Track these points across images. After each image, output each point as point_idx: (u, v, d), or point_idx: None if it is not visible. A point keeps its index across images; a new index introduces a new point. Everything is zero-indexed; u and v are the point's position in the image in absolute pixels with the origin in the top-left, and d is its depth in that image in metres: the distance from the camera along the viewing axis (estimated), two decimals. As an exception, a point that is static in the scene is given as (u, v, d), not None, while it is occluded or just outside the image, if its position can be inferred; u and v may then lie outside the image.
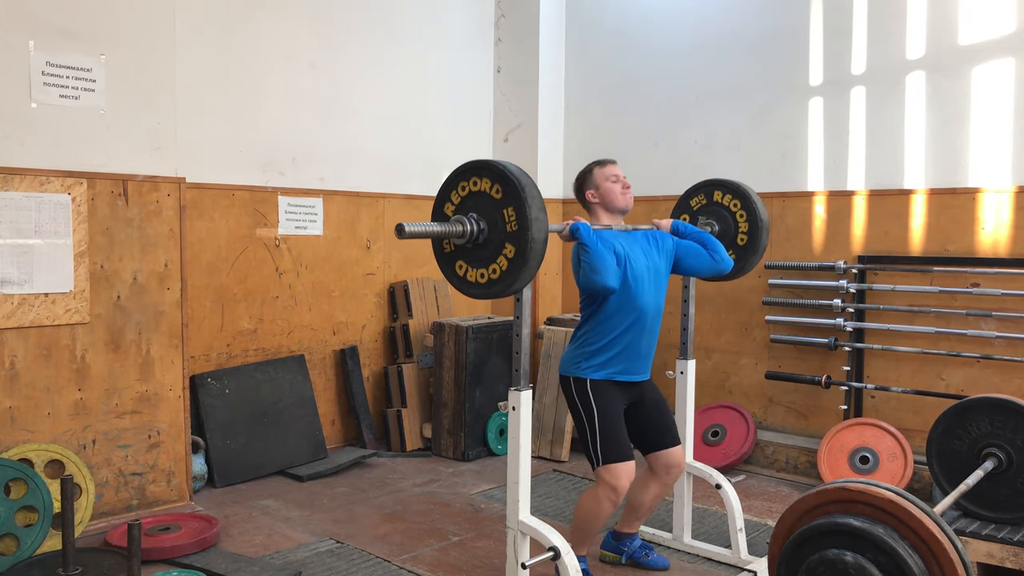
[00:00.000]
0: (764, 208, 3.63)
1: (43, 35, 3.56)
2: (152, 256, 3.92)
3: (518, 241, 2.58)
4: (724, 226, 3.65)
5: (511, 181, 2.59)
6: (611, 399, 3.16)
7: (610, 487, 3.08)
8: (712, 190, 3.69)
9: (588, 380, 3.16)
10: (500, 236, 2.63)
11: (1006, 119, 4.24)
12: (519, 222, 2.58)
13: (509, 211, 2.60)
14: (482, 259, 2.69)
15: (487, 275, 2.67)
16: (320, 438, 4.90)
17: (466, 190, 2.71)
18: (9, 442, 3.51)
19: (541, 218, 2.58)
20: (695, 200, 3.75)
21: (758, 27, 5.10)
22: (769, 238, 5.01)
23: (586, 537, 3.24)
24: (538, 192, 2.63)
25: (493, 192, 2.64)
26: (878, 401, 4.66)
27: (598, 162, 3.38)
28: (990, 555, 3.04)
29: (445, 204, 2.77)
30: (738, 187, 3.64)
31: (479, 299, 2.87)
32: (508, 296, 2.74)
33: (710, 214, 3.69)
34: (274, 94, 4.82)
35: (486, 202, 2.66)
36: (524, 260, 2.58)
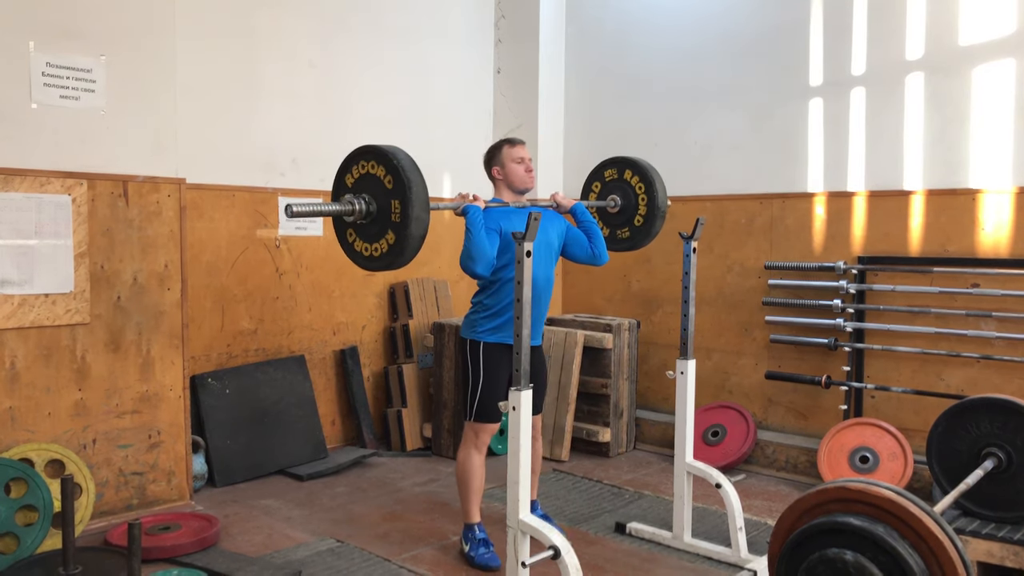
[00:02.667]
0: (665, 197, 3.85)
1: (43, 35, 3.56)
2: (152, 257, 3.92)
3: (399, 232, 2.73)
4: (626, 203, 3.92)
5: (401, 178, 2.71)
6: (498, 365, 3.43)
7: (475, 440, 3.48)
8: (625, 168, 3.92)
9: (482, 343, 3.44)
10: (385, 222, 2.76)
11: (1006, 119, 4.25)
12: (401, 217, 2.71)
13: (396, 203, 2.73)
14: (370, 235, 2.84)
15: (370, 251, 2.83)
16: (320, 438, 4.90)
17: (365, 170, 2.82)
18: (9, 442, 3.52)
19: (422, 218, 2.72)
20: (608, 172, 3.98)
21: (758, 27, 5.10)
22: (770, 238, 5.03)
23: (472, 496, 3.49)
24: (424, 192, 2.73)
25: (386, 181, 2.75)
26: (878, 401, 4.66)
27: (508, 140, 3.59)
28: (990, 554, 3.04)
29: (346, 176, 2.90)
30: (647, 172, 3.85)
31: (364, 269, 2.98)
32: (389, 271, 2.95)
33: (617, 189, 3.93)
34: (274, 94, 4.82)
35: (379, 187, 2.78)
36: (401, 250, 2.74)
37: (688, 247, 3.67)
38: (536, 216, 2.75)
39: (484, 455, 3.53)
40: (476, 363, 3.46)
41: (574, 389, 5.07)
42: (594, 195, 4.02)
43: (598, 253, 3.68)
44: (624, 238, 3.97)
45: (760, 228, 5.11)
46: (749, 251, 5.15)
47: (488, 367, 3.44)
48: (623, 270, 5.78)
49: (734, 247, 5.21)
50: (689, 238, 3.67)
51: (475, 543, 3.46)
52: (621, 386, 5.21)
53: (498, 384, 3.46)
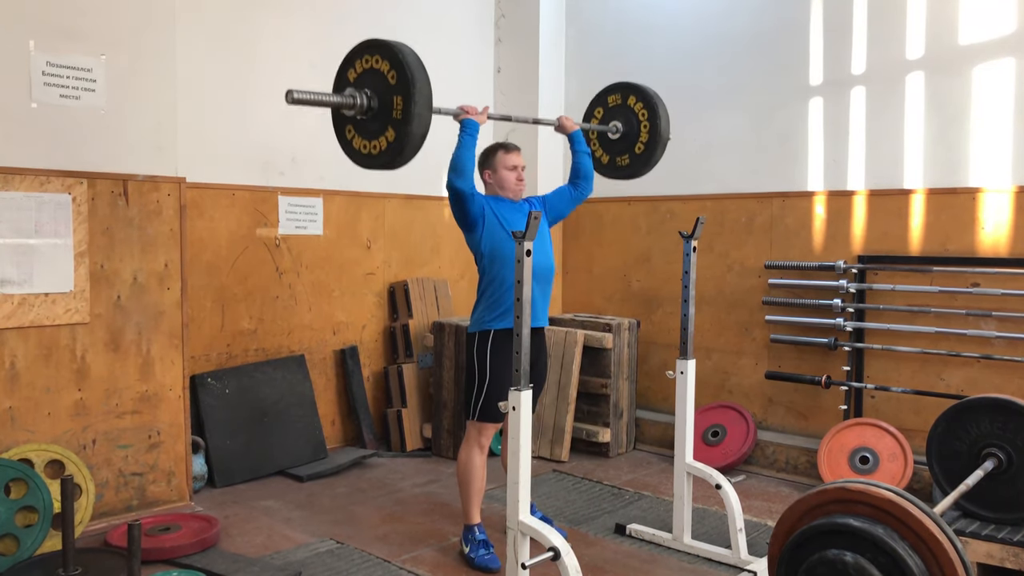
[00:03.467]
0: (668, 126, 3.82)
1: (43, 35, 3.56)
2: (152, 256, 3.92)
3: (399, 129, 2.69)
4: (628, 130, 3.90)
5: (405, 73, 2.66)
6: (505, 363, 3.38)
7: (477, 439, 3.49)
8: (629, 93, 3.90)
9: (491, 333, 3.42)
10: (386, 118, 2.72)
11: (1006, 119, 4.24)
12: (403, 113, 2.67)
13: (398, 99, 2.68)
14: (369, 132, 2.79)
15: (368, 148, 2.79)
16: (320, 438, 4.90)
17: (368, 64, 2.77)
18: (9, 442, 3.51)
19: (424, 115, 2.68)
20: (612, 98, 3.96)
21: (758, 27, 5.10)
22: (770, 237, 5.03)
23: (473, 496, 3.49)
24: (428, 89, 2.69)
25: (389, 76, 2.70)
26: (878, 401, 4.66)
27: (503, 145, 3.59)
28: (990, 555, 3.04)
29: (348, 70, 2.85)
30: (651, 99, 3.83)
31: (359, 166, 2.94)
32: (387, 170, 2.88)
33: (620, 115, 3.92)
34: (274, 94, 4.80)
35: (381, 83, 2.72)
36: (400, 148, 2.70)
37: (688, 246, 3.67)
38: (536, 215, 2.74)
39: (486, 455, 3.53)
40: (483, 358, 3.43)
41: (574, 389, 5.07)
42: (596, 120, 3.99)
43: (582, 186, 3.71)
44: (623, 165, 3.95)
45: (760, 227, 5.10)
46: (749, 250, 5.15)
47: (495, 363, 3.41)
48: (623, 270, 5.78)
49: (734, 246, 5.21)
50: (689, 237, 3.67)
51: (475, 544, 3.46)
52: (621, 386, 5.21)
53: (503, 383, 3.44)
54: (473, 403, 3.47)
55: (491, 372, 3.43)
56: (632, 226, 5.72)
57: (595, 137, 3.98)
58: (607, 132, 3.92)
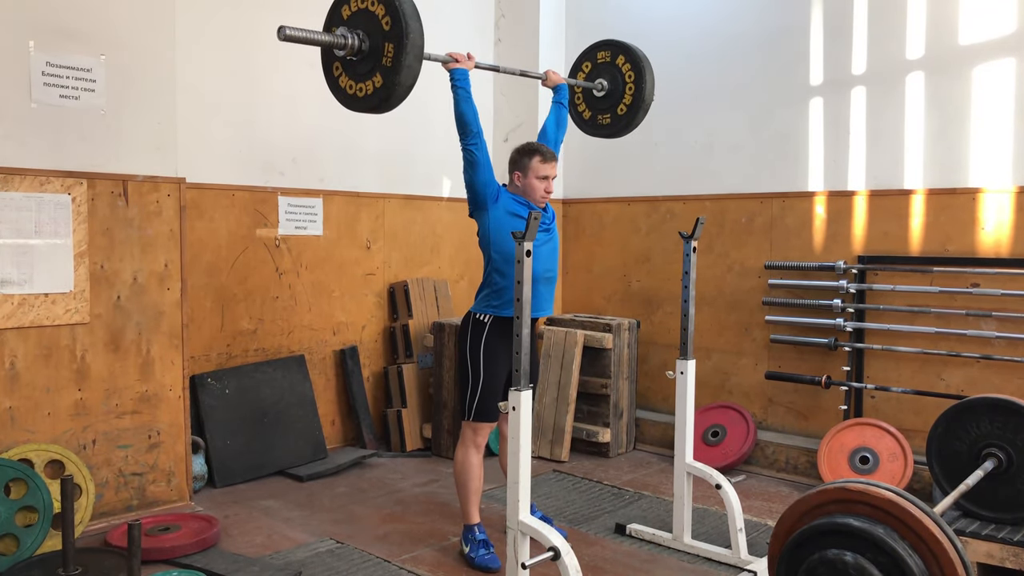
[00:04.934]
0: (652, 91, 3.84)
1: (43, 35, 3.56)
2: (152, 256, 3.92)
3: (387, 77, 2.66)
4: (613, 88, 3.92)
5: (400, 21, 2.63)
6: (497, 361, 3.41)
7: (473, 439, 3.50)
8: (619, 52, 3.92)
9: (487, 325, 3.42)
10: (375, 63, 2.69)
11: (1006, 119, 4.24)
12: (393, 61, 2.64)
13: (389, 47, 2.65)
14: (357, 73, 2.77)
15: (354, 89, 2.77)
16: (320, 438, 4.90)
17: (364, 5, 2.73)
18: (9, 442, 3.51)
19: (414, 67, 2.65)
20: (601, 54, 3.98)
21: (758, 27, 5.10)
22: (770, 237, 5.03)
23: (471, 496, 3.49)
24: (421, 40, 2.66)
25: (383, 21, 2.67)
26: (878, 401, 4.66)
27: (541, 153, 3.51)
28: (990, 555, 3.04)
29: (343, 7, 2.82)
30: (639, 61, 3.85)
31: (343, 106, 2.91)
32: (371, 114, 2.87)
33: (607, 73, 3.93)
34: (274, 94, 4.82)
35: (375, 26, 2.69)
36: (387, 95, 2.67)
37: (688, 247, 3.67)
38: (536, 215, 2.74)
39: (482, 455, 3.54)
40: (476, 354, 3.44)
41: (574, 389, 5.07)
42: (583, 75, 4.00)
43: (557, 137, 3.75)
44: (604, 124, 3.97)
45: (760, 228, 5.10)
46: (749, 251, 5.15)
47: (487, 361, 3.42)
48: (623, 270, 5.78)
49: (734, 247, 5.21)
50: (689, 237, 3.67)
51: (475, 544, 3.46)
52: (621, 386, 5.21)
53: (497, 382, 3.46)
54: (467, 403, 3.48)
55: (484, 371, 3.44)
56: (632, 226, 5.72)
57: (580, 92, 3.99)
58: (592, 89, 3.92)
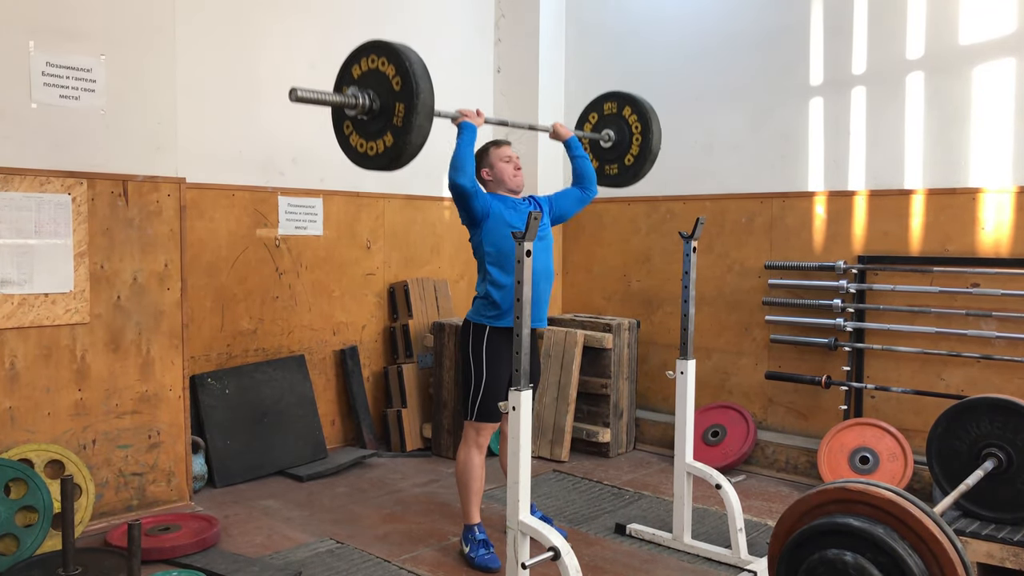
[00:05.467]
0: (659, 141, 3.85)
1: (43, 35, 3.56)
2: (152, 256, 3.92)
3: (397, 136, 2.69)
4: (620, 139, 3.94)
5: (410, 82, 2.66)
6: (500, 361, 3.43)
7: (475, 439, 3.50)
8: (625, 103, 3.93)
9: (487, 329, 3.43)
10: (386, 123, 2.72)
11: (1006, 119, 4.24)
12: (404, 121, 2.67)
13: (400, 106, 2.68)
14: (368, 133, 2.79)
15: (365, 148, 2.80)
16: (320, 438, 4.90)
17: (374, 65, 2.76)
18: (9, 442, 3.51)
19: (424, 126, 2.68)
20: (608, 105, 3.99)
21: (758, 27, 5.10)
22: (770, 237, 5.03)
23: (472, 496, 3.50)
24: (431, 100, 2.69)
25: (394, 81, 2.70)
26: (878, 401, 4.66)
27: (494, 142, 3.62)
28: (990, 555, 3.04)
29: (353, 67, 2.84)
30: (645, 112, 3.86)
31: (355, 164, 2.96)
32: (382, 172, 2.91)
33: (613, 124, 3.95)
34: (274, 94, 4.81)
35: (385, 86, 2.72)
36: (397, 154, 2.71)
37: (688, 247, 3.67)
38: (536, 215, 2.74)
39: (484, 455, 3.54)
40: (479, 355, 3.44)
41: (574, 389, 5.07)
42: (589, 126, 4.03)
43: (587, 189, 3.73)
44: (612, 174, 3.99)
45: (760, 227, 5.10)
46: (749, 251, 5.15)
47: (490, 361, 3.42)
48: (623, 270, 5.78)
49: (734, 247, 5.21)
50: (689, 237, 3.67)
51: (475, 544, 3.46)
52: (621, 386, 5.21)
53: (500, 383, 3.46)
54: (470, 403, 3.47)
55: (487, 371, 3.43)
56: (632, 226, 5.72)
57: (587, 143, 4.01)
58: (599, 140, 3.94)
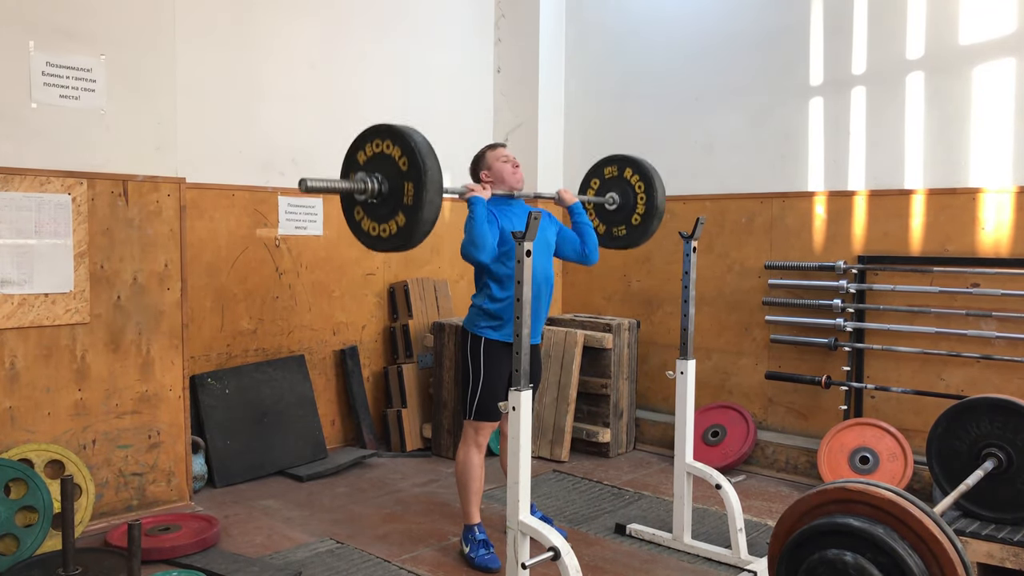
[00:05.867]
0: (663, 198, 3.85)
1: (43, 35, 3.56)
2: (152, 256, 3.92)
3: (409, 215, 2.71)
4: (624, 201, 3.92)
5: (416, 160, 2.68)
6: (498, 363, 3.44)
7: (474, 438, 3.50)
8: (625, 166, 3.93)
9: (483, 339, 3.44)
10: (397, 203, 2.74)
11: (1006, 119, 4.24)
12: (414, 200, 2.68)
13: (409, 186, 2.70)
14: (379, 215, 2.81)
15: (378, 231, 2.82)
16: (320, 438, 4.90)
17: (379, 148, 2.79)
18: (9, 442, 3.51)
19: (435, 202, 2.69)
20: (608, 170, 3.99)
21: (758, 27, 5.10)
22: (770, 237, 5.03)
23: (472, 496, 3.50)
24: (439, 176, 2.70)
25: (400, 162, 2.73)
26: (878, 401, 4.66)
27: (490, 146, 3.66)
28: (990, 555, 3.04)
29: (358, 152, 2.87)
30: (647, 172, 3.86)
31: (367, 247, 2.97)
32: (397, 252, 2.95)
33: (616, 187, 3.94)
34: (274, 94, 4.82)
35: (392, 168, 2.75)
36: (411, 233, 2.72)
37: (688, 247, 3.67)
38: (536, 215, 2.75)
39: (484, 454, 3.54)
40: (476, 359, 3.45)
41: (574, 389, 5.07)
42: (592, 191, 4.04)
43: (589, 253, 3.72)
44: (620, 236, 3.98)
45: (760, 227, 5.10)
46: (749, 251, 5.15)
47: (488, 364, 3.43)
48: (623, 270, 5.78)
49: (734, 247, 5.21)
50: (689, 237, 3.67)
51: (475, 544, 3.46)
52: (621, 386, 5.21)
53: (498, 382, 3.46)
54: (468, 402, 3.48)
55: (485, 371, 3.44)
56: (632, 226, 5.72)
57: (592, 208, 4.01)
58: (604, 203, 3.95)
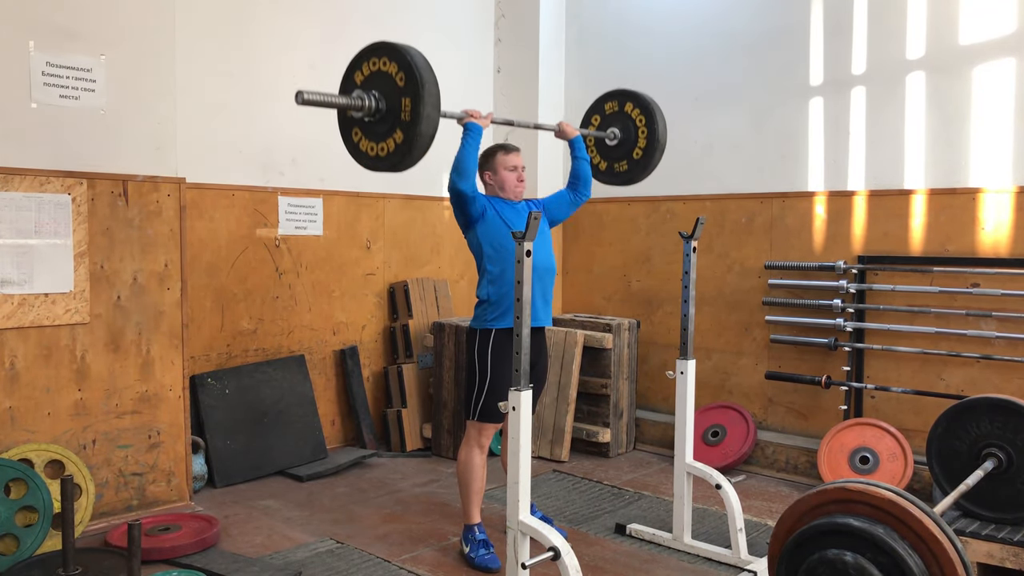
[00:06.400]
0: (665, 131, 3.84)
1: (43, 35, 3.56)
2: (152, 256, 3.92)
3: (407, 131, 2.71)
4: (626, 136, 3.92)
5: (414, 74, 2.69)
6: (507, 361, 3.38)
7: (477, 439, 3.50)
8: (626, 100, 3.92)
9: (493, 332, 3.43)
10: (394, 120, 2.75)
11: (1006, 119, 4.24)
12: (412, 114, 2.69)
13: (407, 101, 2.71)
14: (377, 134, 2.82)
15: (376, 150, 2.83)
16: (320, 438, 4.90)
17: (376, 67, 2.80)
18: (9, 442, 3.51)
19: (433, 116, 2.70)
20: (609, 105, 3.98)
21: (758, 27, 5.10)
22: (770, 237, 5.03)
23: (473, 496, 3.50)
24: (437, 90, 2.71)
25: (397, 79, 2.73)
26: (878, 401, 4.66)
27: (503, 147, 3.62)
28: (990, 555, 3.04)
29: (355, 73, 2.88)
30: (648, 105, 3.85)
31: (366, 168, 2.99)
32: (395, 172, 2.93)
33: (617, 122, 3.94)
34: (274, 94, 4.81)
35: (389, 85, 2.75)
36: (409, 148, 2.72)
37: (688, 247, 3.67)
38: (536, 215, 2.75)
39: (486, 455, 3.54)
40: (484, 357, 3.44)
41: (574, 389, 5.07)
42: (593, 127, 4.03)
43: (580, 192, 3.74)
44: (622, 171, 3.98)
45: (760, 228, 5.10)
46: (749, 251, 5.15)
47: (496, 362, 3.42)
48: (623, 270, 5.78)
49: (734, 247, 5.21)
50: (689, 237, 3.67)
51: (475, 544, 3.46)
52: (621, 386, 5.21)
53: (504, 383, 3.45)
54: (473, 403, 3.47)
55: (492, 372, 3.43)
56: (632, 226, 5.72)
57: (593, 144, 4.01)
58: (605, 138, 3.95)
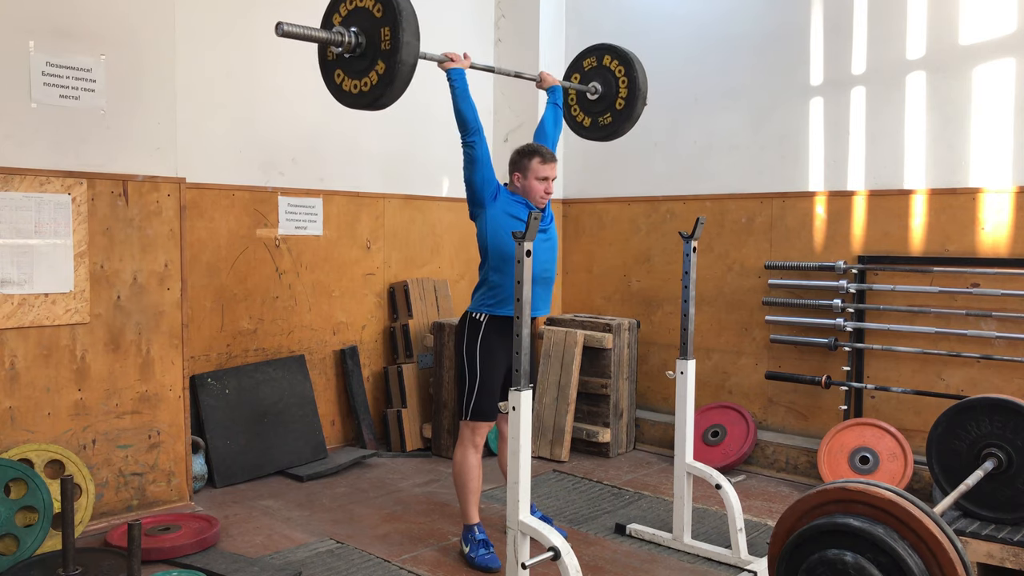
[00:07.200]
0: (645, 81, 3.87)
1: (43, 35, 3.56)
2: (152, 256, 3.92)
3: (388, 60, 2.74)
4: (607, 89, 3.95)
5: (391, 4, 2.72)
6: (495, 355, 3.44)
7: (471, 439, 3.51)
8: (603, 54, 3.97)
9: (482, 325, 3.45)
10: (375, 52, 2.78)
11: (1006, 119, 4.24)
12: (392, 42, 2.72)
13: (385, 30, 2.74)
14: (357, 71, 2.85)
15: (359, 87, 2.86)
16: (320, 438, 4.90)
17: (353, 4, 2.84)
18: (9, 442, 3.51)
19: (412, 43, 2.73)
20: (588, 61, 4.02)
21: (758, 27, 5.10)
22: (770, 237, 5.03)
23: (470, 496, 3.50)
24: (415, 19, 2.75)
25: (375, 10, 2.77)
26: (878, 401, 4.66)
27: (540, 154, 3.52)
28: (990, 555, 3.04)
29: (334, 15, 2.92)
30: (626, 55, 3.89)
31: (350, 108, 2.99)
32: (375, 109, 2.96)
33: (597, 76, 3.98)
34: (274, 94, 4.82)
35: (368, 19, 2.79)
36: (391, 79, 2.75)
37: (688, 247, 3.67)
38: (536, 215, 2.75)
39: (481, 454, 3.54)
40: (473, 356, 3.46)
41: (574, 389, 5.07)
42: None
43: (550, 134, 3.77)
44: (606, 123, 4.00)
45: (760, 228, 5.10)
46: (749, 251, 5.15)
47: (484, 361, 3.44)
48: (623, 270, 5.78)
49: (734, 247, 5.21)
50: (689, 237, 3.67)
51: (475, 544, 3.46)
52: (621, 386, 5.21)
53: (494, 382, 3.48)
54: (465, 403, 3.49)
55: (480, 371, 3.45)
56: (632, 226, 5.72)
57: (575, 102, 4.03)
58: (587, 92, 3.97)
